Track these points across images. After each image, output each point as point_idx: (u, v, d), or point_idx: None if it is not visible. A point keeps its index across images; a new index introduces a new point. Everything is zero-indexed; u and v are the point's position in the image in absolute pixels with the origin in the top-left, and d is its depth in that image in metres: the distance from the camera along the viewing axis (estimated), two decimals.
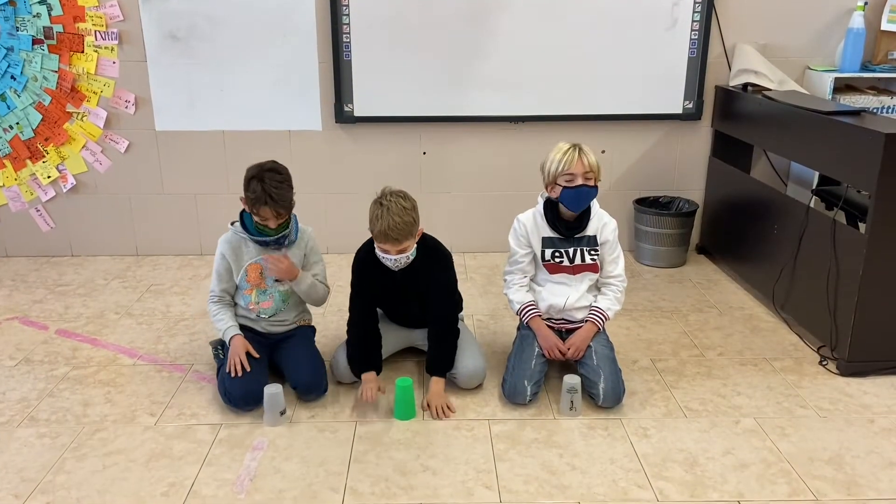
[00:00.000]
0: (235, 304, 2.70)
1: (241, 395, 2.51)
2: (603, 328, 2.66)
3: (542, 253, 2.63)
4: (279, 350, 2.69)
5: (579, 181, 2.50)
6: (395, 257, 2.49)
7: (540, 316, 2.66)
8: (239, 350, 2.54)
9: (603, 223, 2.64)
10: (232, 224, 2.66)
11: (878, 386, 2.71)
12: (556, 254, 2.62)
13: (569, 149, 2.52)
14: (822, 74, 3.70)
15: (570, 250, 2.61)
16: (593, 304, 2.66)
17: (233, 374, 2.50)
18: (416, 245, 2.54)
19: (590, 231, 2.62)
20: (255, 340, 2.62)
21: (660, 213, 3.84)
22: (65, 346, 3.05)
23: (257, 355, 2.57)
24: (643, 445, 2.36)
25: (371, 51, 3.74)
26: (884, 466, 2.25)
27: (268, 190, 2.46)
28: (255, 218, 2.55)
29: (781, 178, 3.96)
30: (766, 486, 2.16)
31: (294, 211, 2.62)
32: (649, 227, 3.86)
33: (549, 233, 2.62)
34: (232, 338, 2.58)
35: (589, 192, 2.53)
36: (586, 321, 2.64)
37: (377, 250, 2.53)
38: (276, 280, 2.65)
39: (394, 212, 2.41)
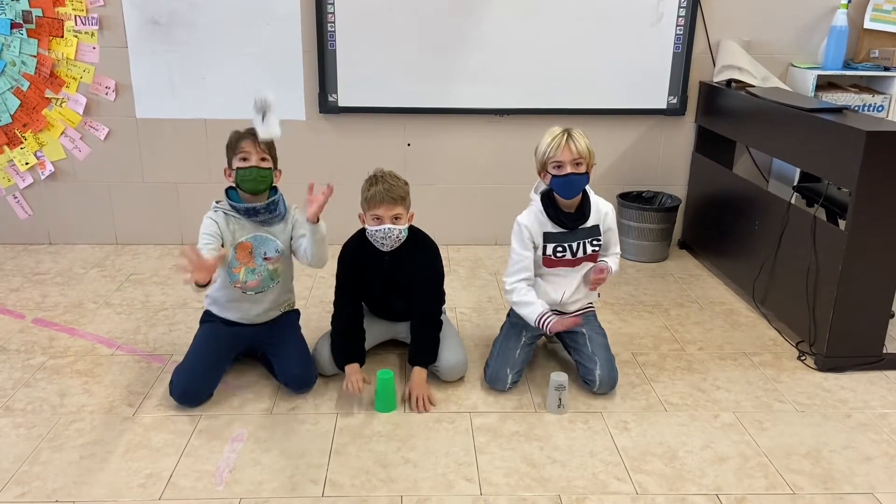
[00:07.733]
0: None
1: (180, 393, 2.48)
2: (611, 271, 2.57)
3: (544, 248, 2.57)
4: (267, 343, 2.66)
5: (568, 169, 2.44)
6: (388, 227, 2.47)
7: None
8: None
9: (603, 213, 2.60)
10: (217, 202, 2.58)
11: (856, 381, 2.74)
12: (559, 248, 2.57)
13: (559, 134, 2.45)
14: (805, 72, 3.72)
15: (574, 244, 2.57)
16: (600, 258, 2.62)
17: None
18: (407, 230, 2.53)
19: (591, 222, 2.57)
20: (234, 333, 2.58)
21: (643, 207, 3.86)
22: (42, 335, 3.01)
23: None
24: (623, 439, 2.37)
25: (356, 40, 3.71)
26: (860, 461, 2.28)
27: (245, 131, 2.49)
28: (237, 162, 2.48)
29: (763, 174, 3.99)
30: (744, 480, 2.18)
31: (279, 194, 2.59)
32: (632, 222, 3.87)
33: (551, 227, 2.56)
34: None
35: (579, 179, 2.46)
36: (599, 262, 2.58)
37: (368, 226, 2.51)
38: (265, 259, 2.60)
39: (388, 177, 2.51)
